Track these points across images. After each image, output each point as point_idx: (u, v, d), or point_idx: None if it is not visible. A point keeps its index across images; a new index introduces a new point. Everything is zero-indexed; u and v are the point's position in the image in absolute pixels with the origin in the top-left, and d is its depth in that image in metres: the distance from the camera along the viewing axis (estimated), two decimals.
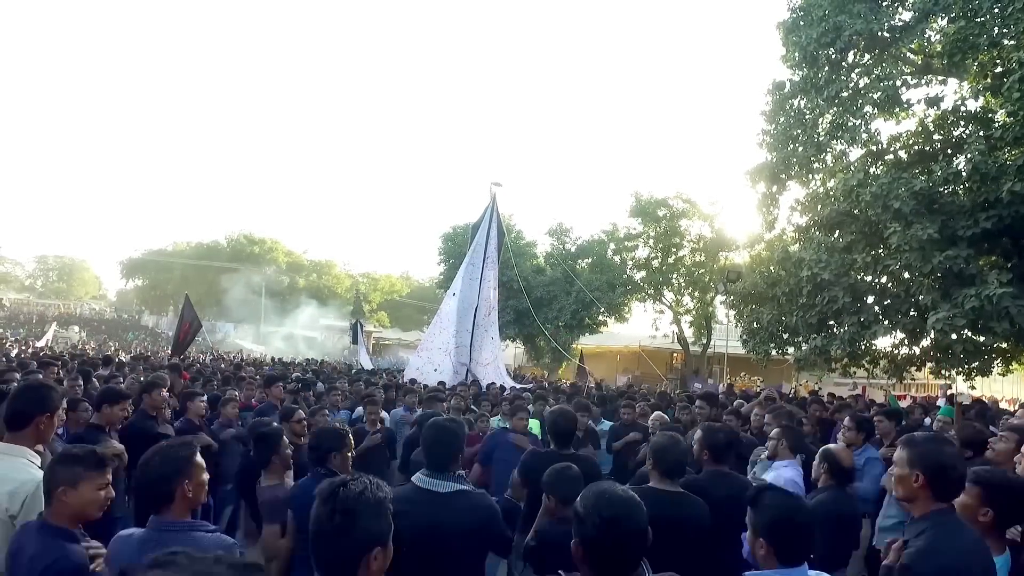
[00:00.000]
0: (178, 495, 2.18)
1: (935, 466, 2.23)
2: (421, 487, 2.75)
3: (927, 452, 2.27)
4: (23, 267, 69.55)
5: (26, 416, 2.73)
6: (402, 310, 56.58)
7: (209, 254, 54.28)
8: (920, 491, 2.25)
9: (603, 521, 1.70)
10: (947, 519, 2.23)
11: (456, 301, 12.76)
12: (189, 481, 2.21)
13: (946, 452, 2.29)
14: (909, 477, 2.26)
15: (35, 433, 2.73)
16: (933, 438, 2.42)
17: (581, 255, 30.09)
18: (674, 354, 31.16)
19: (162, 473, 2.18)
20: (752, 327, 15.54)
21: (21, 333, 35.97)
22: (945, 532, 2.18)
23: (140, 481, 2.24)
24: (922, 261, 10.19)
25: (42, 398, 2.79)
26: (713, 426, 3.86)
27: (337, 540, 1.63)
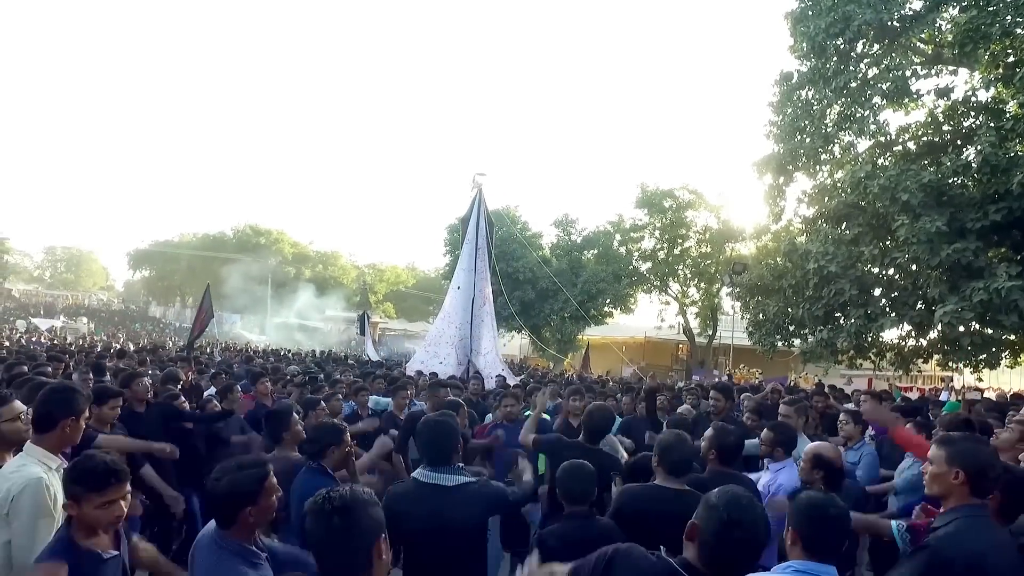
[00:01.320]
0: (240, 519, 2.11)
1: (976, 465, 2.30)
2: (425, 482, 2.76)
3: (967, 451, 2.34)
4: (32, 258, 70.02)
5: (52, 419, 2.72)
6: (407, 301, 56.66)
7: (215, 245, 54.43)
8: (958, 488, 2.30)
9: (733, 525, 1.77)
10: (980, 512, 2.30)
11: (460, 294, 12.85)
12: (253, 507, 2.11)
13: (985, 451, 2.38)
14: (948, 474, 2.32)
15: (60, 436, 2.72)
16: (971, 437, 2.50)
17: (587, 246, 30.04)
18: (680, 345, 31.17)
19: (227, 495, 2.11)
20: (758, 319, 15.51)
21: (28, 324, 36.21)
22: (976, 523, 2.25)
23: (207, 497, 2.17)
24: (930, 254, 10.12)
25: (68, 401, 2.77)
26: (726, 427, 3.79)
27: (344, 540, 1.65)
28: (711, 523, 1.78)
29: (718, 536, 1.76)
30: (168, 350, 17.05)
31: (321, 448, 3.23)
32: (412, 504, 2.68)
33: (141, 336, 35.22)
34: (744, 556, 1.80)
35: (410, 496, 2.74)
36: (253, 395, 6.69)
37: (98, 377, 6.80)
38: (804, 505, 2.07)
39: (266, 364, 12.23)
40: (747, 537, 1.78)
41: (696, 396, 7.67)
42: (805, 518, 2.04)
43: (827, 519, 2.02)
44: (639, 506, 2.92)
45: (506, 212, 30.44)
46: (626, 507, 2.95)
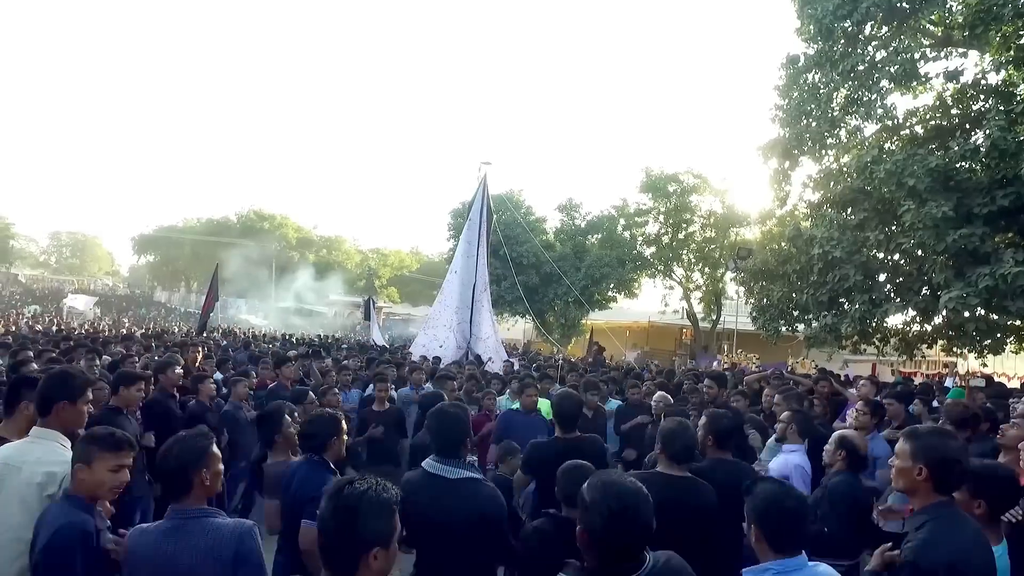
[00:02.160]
0: (196, 484, 2.25)
1: (938, 460, 2.23)
2: (431, 472, 2.79)
3: (930, 445, 2.26)
4: (37, 243, 70.23)
5: (47, 402, 2.79)
6: (412, 285, 56.70)
7: (219, 230, 54.48)
8: (922, 484, 2.25)
9: (610, 513, 1.71)
10: (948, 511, 2.23)
11: (457, 279, 13.02)
12: (207, 470, 2.27)
13: (950, 446, 2.28)
14: (912, 470, 2.26)
15: (57, 419, 2.77)
16: (937, 431, 2.43)
17: (591, 231, 29.94)
18: (683, 330, 31.14)
19: (181, 463, 2.24)
20: (762, 304, 15.48)
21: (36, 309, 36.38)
22: (946, 524, 2.19)
23: (160, 469, 2.32)
24: (936, 239, 10.05)
25: (61, 385, 2.83)
26: (719, 412, 3.84)
27: (339, 536, 1.66)
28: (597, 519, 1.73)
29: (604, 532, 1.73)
30: (173, 335, 17.12)
31: (322, 441, 3.20)
32: (419, 494, 2.70)
33: (145, 322, 35.35)
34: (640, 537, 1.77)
35: (418, 486, 2.76)
36: (259, 380, 6.77)
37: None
38: (760, 500, 2.05)
39: (267, 349, 12.31)
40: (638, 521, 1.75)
41: (692, 381, 7.72)
42: (763, 513, 2.02)
43: (784, 511, 2.01)
44: None
45: (510, 196, 30.35)
46: None
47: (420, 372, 7.88)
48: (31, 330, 17.18)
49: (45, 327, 19.69)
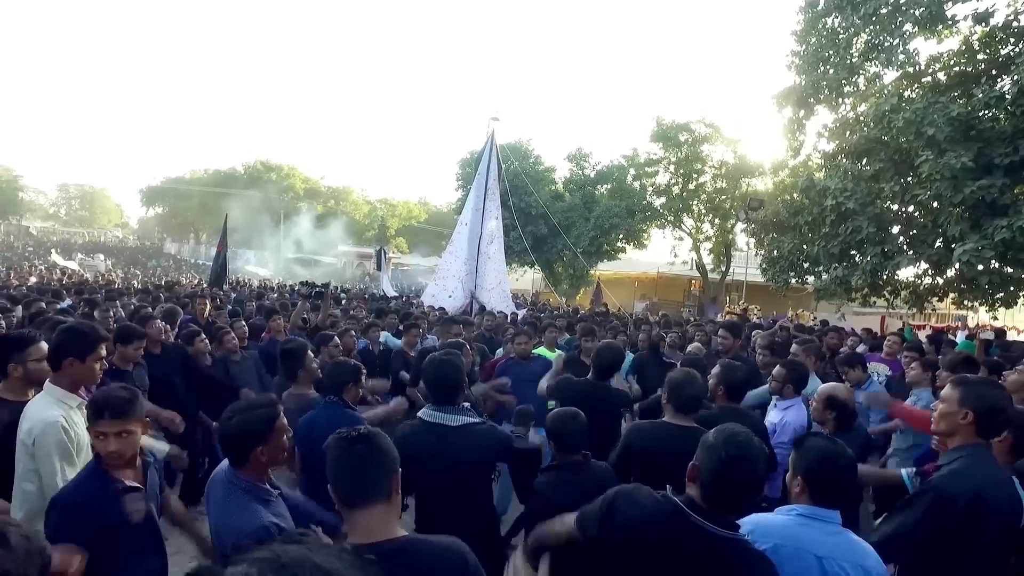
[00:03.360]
0: (251, 459, 2.15)
1: (986, 407, 2.33)
2: (430, 422, 2.80)
3: (980, 393, 2.35)
4: (46, 195, 70.33)
5: (57, 358, 2.78)
6: (420, 236, 56.60)
7: (226, 181, 54.24)
8: (965, 427, 2.34)
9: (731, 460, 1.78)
10: (984, 452, 2.34)
11: (467, 230, 13.17)
12: (264, 447, 2.15)
13: (999, 395, 2.39)
14: (957, 414, 2.35)
15: (66, 375, 2.76)
16: (986, 381, 2.53)
17: (600, 181, 29.62)
18: (692, 281, 31.11)
19: (238, 435, 2.15)
20: (772, 256, 15.38)
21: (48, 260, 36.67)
22: (979, 461, 2.29)
23: (220, 437, 2.22)
24: (953, 191, 9.86)
25: (71, 341, 2.80)
26: (732, 363, 3.85)
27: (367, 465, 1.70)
28: (710, 462, 1.79)
29: (718, 474, 1.77)
30: (184, 287, 17.24)
31: (340, 385, 3.30)
32: (418, 444, 2.71)
33: (156, 273, 35.63)
34: (745, 491, 1.81)
35: (416, 436, 2.77)
36: (268, 331, 6.79)
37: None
38: (813, 455, 2.06)
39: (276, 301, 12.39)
40: (747, 472, 1.79)
41: (705, 334, 7.71)
42: (814, 467, 2.03)
43: (836, 469, 2.02)
44: (647, 443, 2.96)
45: (519, 146, 29.93)
46: (635, 443, 2.99)
47: (416, 331, 7.76)
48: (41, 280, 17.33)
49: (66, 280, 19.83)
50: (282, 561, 0.70)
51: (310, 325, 7.18)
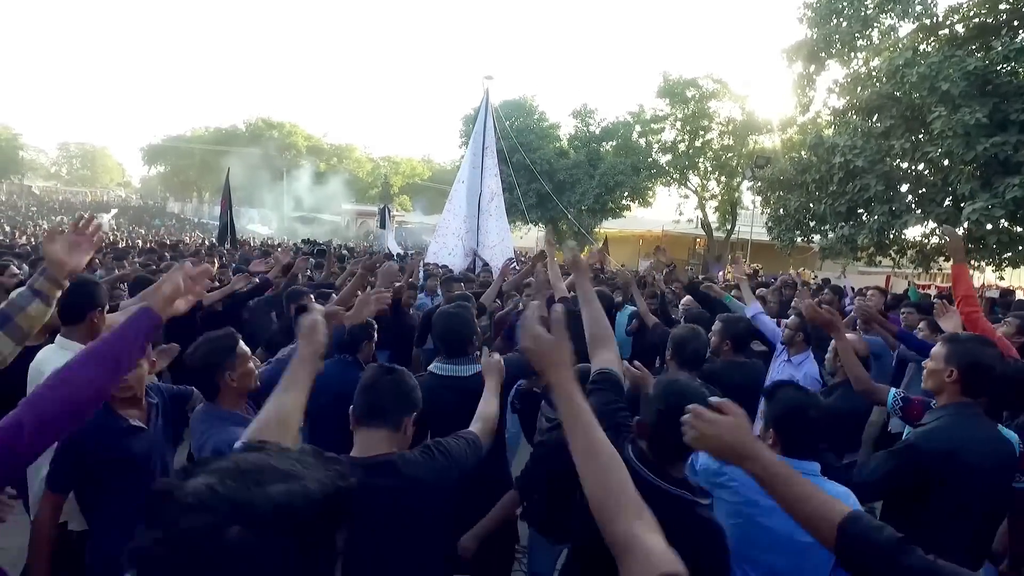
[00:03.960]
0: (223, 386, 2.25)
1: (972, 364, 2.29)
2: (441, 375, 2.82)
3: (967, 351, 2.32)
4: (47, 154, 69.78)
5: (80, 311, 2.85)
6: (424, 193, 56.25)
7: (228, 139, 53.69)
8: (950, 385, 2.31)
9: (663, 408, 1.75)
10: (968, 410, 2.30)
11: (464, 188, 13.17)
12: (232, 372, 2.25)
13: (986, 352, 2.33)
14: (943, 372, 2.33)
15: (90, 327, 2.85)
16: (976, 338, 2.47)
17: (605, 137, 29.24)
18: (697, 239, 30.99)
19: (203, 365, 2.25)
20: (778, 214, 15.26)
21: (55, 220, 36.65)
22: (961, 420, 2.26)
23: (188, 372, 2.33)
24: (965, 148, 9.68)
25: (93, 294, 2.89)
26: (733, 316, 3.88)
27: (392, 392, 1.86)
28: (651, 416, 1.77)
29: (659, 426, 1.75)
30: (188, 245, 17.27)
31: (356, 343, 3.33)
32: (438, 398, 2.70)
33: (161, 233, 35.61)
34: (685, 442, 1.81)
35: (434, 391, 2.75)
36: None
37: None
38: (781, 405, 2.05)
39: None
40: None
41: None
42: (783, 419, 2.02)
43: (807, 420, 2.01)
44: None
45: (523, 102, 29.46)
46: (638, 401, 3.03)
47: (435, 279, 7.92)
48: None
49: None
50: (240, 468, 0.71)
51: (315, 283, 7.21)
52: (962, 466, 2.15)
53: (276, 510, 0.67)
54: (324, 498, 0.72)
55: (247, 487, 0.68)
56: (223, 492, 0.67)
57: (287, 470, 0.72)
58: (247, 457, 0.74)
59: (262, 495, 0.68)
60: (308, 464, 0.76)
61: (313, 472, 0.74)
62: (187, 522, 0.65)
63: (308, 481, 0.72)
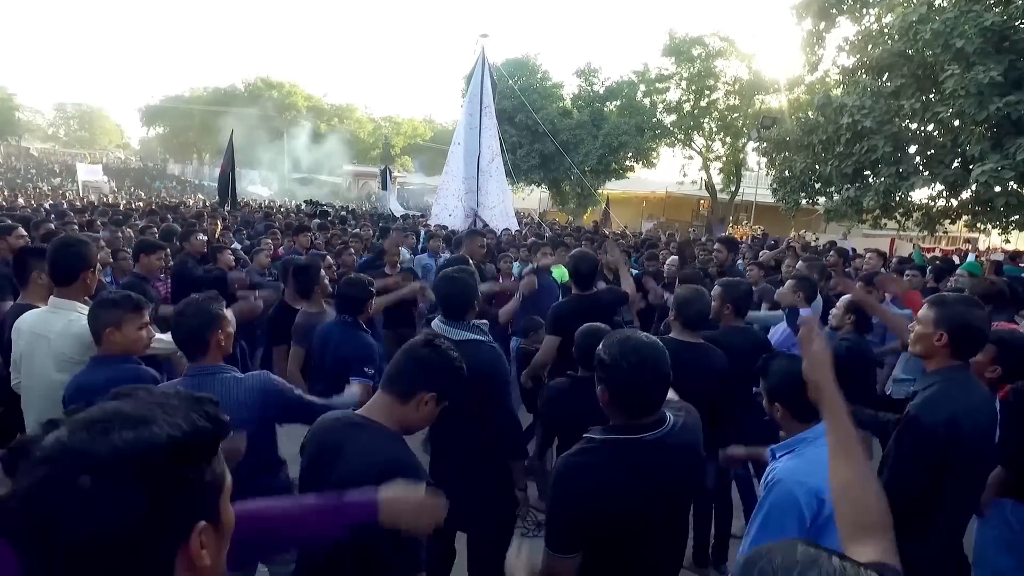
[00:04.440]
0: (212, 344, 2.34)
1: (961, 327, 2.24)
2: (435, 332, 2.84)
3: (955, 314, 2.26)
4: (43, 115, 68.89)
5: (72, 271, 2.87)
6: (426, 154, 55.65)
7: (226, 99, 52.86)
8: (940, 349, 2.27)
9: (629, 367, 1.74)
10: (960, 375, 2.28)
11: (460, 150, 13.15)
12: (221, 331, 2.36)
13: (975, 314, 2.27)
14: (932, 336, 2.27)
15: (83, 287, 2.89)
16: (963, 299, 2.39)
17: (609, 97, 28.80)
18: (701, 201, 30.79)
19: (197, 324, 2.33)
20: (783, 176, 15.12)
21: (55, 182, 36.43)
22: (955, 385, 2.24)
23: (176, 332, 2.39)
24: (977, 108, 9.49)
25: (84, 255, 2.91)
26: (734, 280, 3.87)
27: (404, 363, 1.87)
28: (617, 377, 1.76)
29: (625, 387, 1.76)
30: (189, 208, 17.19)
31: (355, 304, 3.34)
32: None
33: (161, 195, 35.43)
34: (658, 391, 1.80)
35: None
36: (275, 253, 6.87)
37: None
38: (776, 377, 2.06)
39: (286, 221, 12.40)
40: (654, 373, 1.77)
41: (707, 252, 7.71)
42: (781, 388, 2.04)
43: (802, 382, 1.95)
44: None
45: (526, 61, 28.92)
46: None
47: (437, 239, 7.96)
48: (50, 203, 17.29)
49: (69, 202, 19.81)
50: (93, 417, 0.72)
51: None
52: (961, 432, 2.15)
53: (116, 457, 0.68)
54: (172, 441, 0.72)
55: (92, 437, 0.69)
56: (69, 444, 0.69)
57: (140, 415, 0.73)
58: (105, 405, 0.75)
59: (105, 443, 0.69)
60: (170, 408, 0.76)
61: (171, 416, 0.74)
62: (36, 474, 0.67)
63: (158, 425, 0.72)
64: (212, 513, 0.79)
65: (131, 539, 0.69)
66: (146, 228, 7.50)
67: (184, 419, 0.74)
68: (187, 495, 0.74)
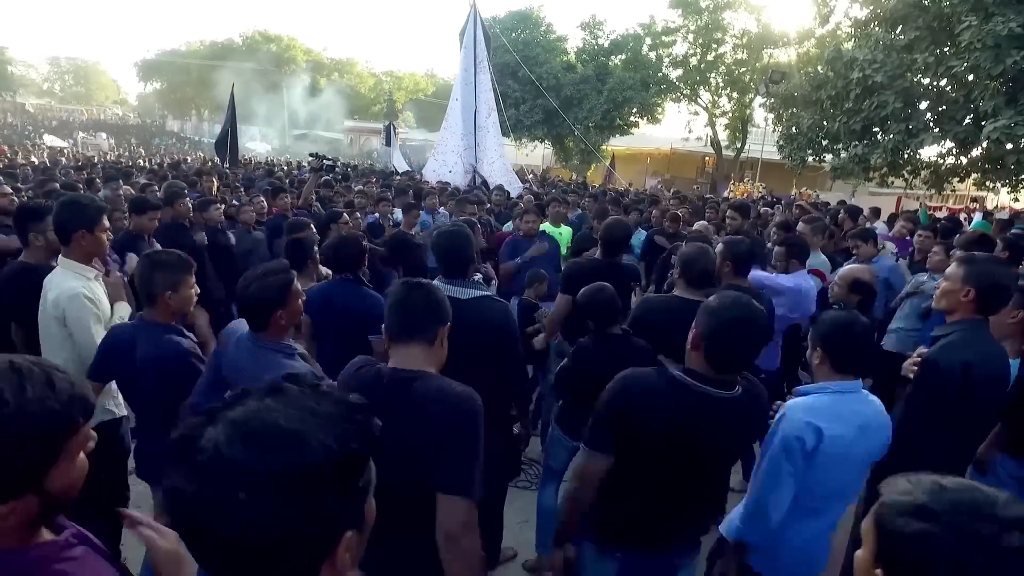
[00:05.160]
0: (272, 322, 2.24)
1: (989, 284, 2.33)
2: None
3: (984, 271, 2.35)
4: (37, 70, 67.63)
5: (66, 232, 2.81)
6: (428, 109, 54.74)
7: (224, 53, 51.74)
8: (965, 304, 2.36)
9: (733, 320, 1.81)
10: (978, 326, 2.38)
11: (459, 105, 13.03)
12: (283, 310, 2.23)
13: (1003, 272, 2.38)
14: (959, 292, 2.36)
15: (78, 249, 2.80)
16: (992, 259, 2.50)
17: (614, 51, 28.16)
18: (706, 158, 30.45)
19: (259, 300, 2.22)
20: (790, 132, 14.89)
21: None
22: (972, 335, 2.35)
23: (240, 303, 2.31)
24: (994, 61, 9.26)
25: (77, 214, 2.81)
26: (736, 238, 3.84)
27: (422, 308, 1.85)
28: (715, 325, 1.81)
29: (723, 337, 1.81)
30: (190, 165, 17.01)
31: (351, 261, 3.29)
32: None
33: (161, 152, 35.08)
34: (748, 352, 1.86)
35: None
36: (277, 208, 6.79)
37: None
38: (829, 325, 2.11)
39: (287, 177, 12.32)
40: (750, 332, 1.83)
41: (716, 211, 7.62)
42: (832, 338, 2.08)
43: (853, 336, 2.07)
44: (658, 316, 2.99)
45: (529, 13, 28.20)
46: (645, 317, 3.05)
47: (433, 196, 7.84)
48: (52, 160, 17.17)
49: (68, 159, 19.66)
50: (249, 427, 0.73)
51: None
52: (974, 378, 2.25)
53: (272, 475, 0.70)
54: (327, 463, 0.73)
55: (249, 451, 0.71)
56: (228, 455, 0.71)
57: (295, 430, 0.73)
58: (260, 410, 0.75)
59: (262, 461, 0.70)
60: (324, 419, 0.76)
61: (325, 432, 0.74)
62: (203, 477, 0.71)
63: (312, 447, 0.73)
64: (358, 519, 0.80)
65: (282, 550, 0.72)
66: (146, 186, 7.42)
67: (336, 438, 0.75)
68: (338, 509, 0.76)
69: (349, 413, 0.79)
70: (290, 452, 0.71)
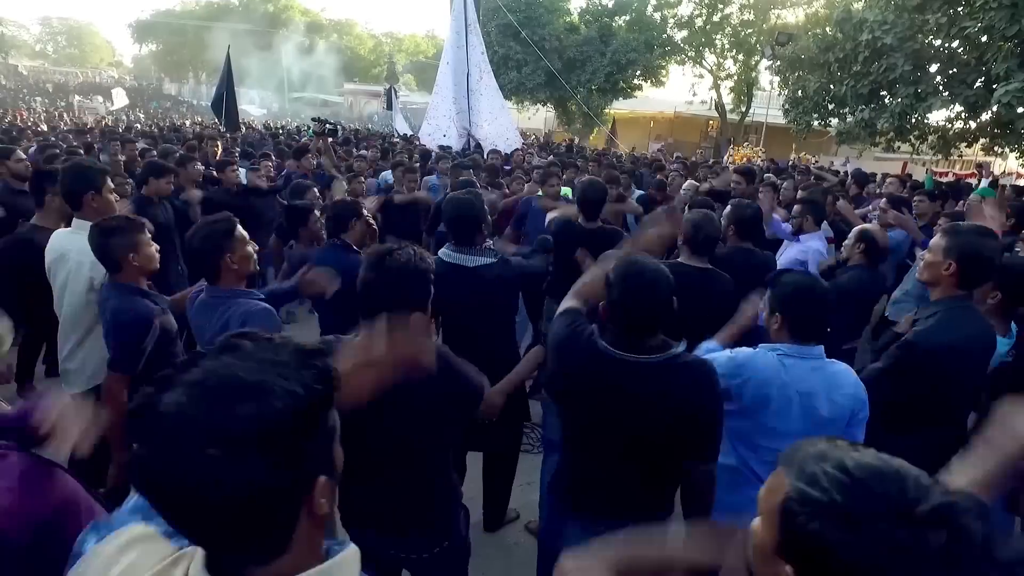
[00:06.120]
0: (223, 268, 2.29)
1: (971, 257, 2.25)
2: (448, 261, 2.83)
3: (966, 243, 2.26)
4: (28, 31, 66.35)
5: (75, 196, 2.91)
6: (429, 72, 53.82)
7: (219, 13, 50.74)
8: (947, 278, 2.29)
9: (628, 289, 1.82)
10: (961, 304, 2.31)
11: (449, 69, 12.80)
12: (232, 255, 2.29)
13: (987, 244, 2.27)
14: (941, 264, 2.29)
15: (90, 210, 2.89)
16: (976, 230, 2.37)
17: (618, 11, 27.52)
18: (710, 122, 30.05)
19: (203, 249, 2.28)
20: (796, 96, 14.68)
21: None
22: (955, 315, 2.28)
23: (187, 257, 2.42)
24: (1008, 22, 9.02)
25: (84, 177, 2.91)
26: (742, 202, 3.83)
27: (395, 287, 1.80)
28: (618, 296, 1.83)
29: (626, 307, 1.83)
30: (189, 129, 16.87)
31: (343, 223, 3.25)
32: (441, 284, 2.76)
33: (159, 115, 34.65)
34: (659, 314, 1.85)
35: (439, 276, 2.82)
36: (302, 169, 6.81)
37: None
38: (787, 288, 2.06)
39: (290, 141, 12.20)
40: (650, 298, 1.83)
41: (716, 176, 7.56)
42: (789, 301, 2.04)
43: (812, 301, 2.03)
44: None
45: None
46: None
47: (447, 160, 7.76)
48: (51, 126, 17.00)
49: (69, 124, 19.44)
50: (208, 384, 0.73)
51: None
52: (959, 361, 2.22)
53: (239, 430, 0.70)
54: (291, 411, 0.73)
55: (212, 407, 0.71)
56: (191, 413, 0.70)
57: (256, 382, 0.73)
58: (217, 366, 0.75)
59: (228, 416, 0.70)
60: (283, 367, 0.76)
61: (286, 380, 0.74)
62: (166, 442, 0.70)
63: (276, 395, 0.73)
64: (328, 464, 0.81)
65: (259, 502, 0.72)
66: (145, 151, 7.37)
67: (299, 383, 0.75)
68: (307, 455, 0.76)
69: (307, 358, 0.79)
70: (256, 403, 0.71)
